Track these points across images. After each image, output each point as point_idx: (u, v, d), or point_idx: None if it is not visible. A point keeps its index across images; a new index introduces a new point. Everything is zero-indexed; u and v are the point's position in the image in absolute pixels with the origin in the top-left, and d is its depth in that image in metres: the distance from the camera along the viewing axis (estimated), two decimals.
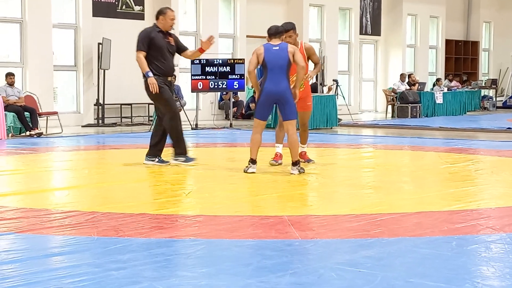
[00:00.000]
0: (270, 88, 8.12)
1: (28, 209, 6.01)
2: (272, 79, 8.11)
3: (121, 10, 18.18)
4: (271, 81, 8.12)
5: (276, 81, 8.10)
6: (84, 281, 3.78)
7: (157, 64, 9.01)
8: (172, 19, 9.21)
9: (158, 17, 9.27)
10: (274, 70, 8.10)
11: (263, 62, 8.14)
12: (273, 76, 8.11)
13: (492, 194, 7.11)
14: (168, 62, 9.12)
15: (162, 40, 9.08)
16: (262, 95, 8.18)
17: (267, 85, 8.13)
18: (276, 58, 8.11)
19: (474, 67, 29.92)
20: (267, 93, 8.14)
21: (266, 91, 8.14)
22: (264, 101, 8.20)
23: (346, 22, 23.87)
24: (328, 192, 7.28)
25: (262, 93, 8.17)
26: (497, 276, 4.01)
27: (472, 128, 16.53)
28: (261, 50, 8.17)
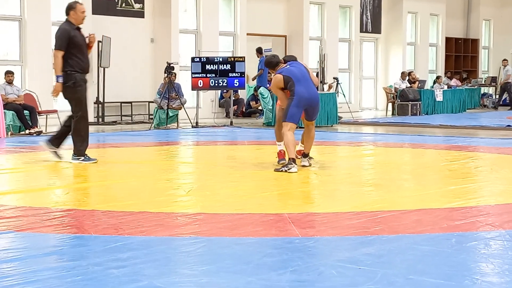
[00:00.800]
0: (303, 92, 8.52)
1: (27, 208, 6.01)
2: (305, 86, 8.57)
3: (121, 8, 18.18)
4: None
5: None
6: (84, 279, 3.78)
7: (77, 61, 9.08)
8: (82, 12, 9.21)
9: (68, 12, 9.20)
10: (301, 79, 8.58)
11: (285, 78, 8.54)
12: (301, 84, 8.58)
13: (492, 191, 7.12)
14: (87, 59, 9.29)
15: (80, 37, 9.16)
16: (297, 98, 8.50)
17: (300, 89, 8.51)
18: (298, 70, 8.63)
19: (474, 65, 29.91)
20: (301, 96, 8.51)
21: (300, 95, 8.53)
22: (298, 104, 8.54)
23: (346, 20, 23.86)
24: (329, 190, 7.28)
25: (296, 96, 8.48)
26: (496, 272, 4.01)
27: (472, 125, 16.53)
28: (277, 76, 8.62)
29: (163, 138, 13.59)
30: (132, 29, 18.43)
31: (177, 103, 16.37)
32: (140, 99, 18.46)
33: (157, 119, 16.13)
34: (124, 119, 17.93)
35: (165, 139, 13.30)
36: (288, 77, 8.49)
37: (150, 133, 14.77)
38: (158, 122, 16.12)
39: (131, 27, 18.42)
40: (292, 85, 8.48)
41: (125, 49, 18.11)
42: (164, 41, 18.68)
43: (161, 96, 16.19)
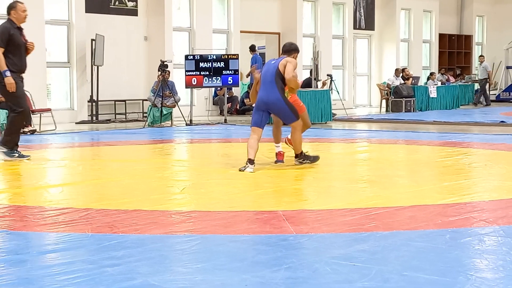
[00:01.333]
0: (260, 95, 8.55)
1: (22, 207, 6.00)
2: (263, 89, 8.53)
3: (114, 6, 18.15)
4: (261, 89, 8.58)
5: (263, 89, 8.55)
6: (79, 278, 3.78)
7: (14, 61, 9.15)
8: (24, 11, 9.38)
9: (9, 12, 9.37)
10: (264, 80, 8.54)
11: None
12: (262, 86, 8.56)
13: (486, 187, 7.13)
14: (24, 59, 9.40)
15: (19, 37, 9.29)
16: (256, 104, 8.58)
17: (260, 93, 8.57)
18: (266, 69, 8.57)
19: (467, 61, 29.95)
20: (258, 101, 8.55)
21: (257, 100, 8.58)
22: (255, 110, 8.60)
23: (340, 16, 23.87)
24: (323, 187, 7.28)
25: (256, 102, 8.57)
26: (490, 268, 4.02)
27: (465, 121, 16.56)
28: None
29: (157, 136, 13.58)
30: (126, 28, 18.41)
31: (171, 101, 16.36)
32: (134, 97, 18.44)
33: (151, 117, 16.11)
34: (118, 117, 17.91)
35: (159, 137, 13.29)
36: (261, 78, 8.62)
37: (144, 131, 14.76)
38: (152, 120, 16.10)
39: (125, 26, 18.39)
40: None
41: (118, 48, 18.09)
42: (158, 39, 18.66)
43: (155, 94, 16.18)
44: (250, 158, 8.28)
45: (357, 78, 25.20)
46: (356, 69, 25.09)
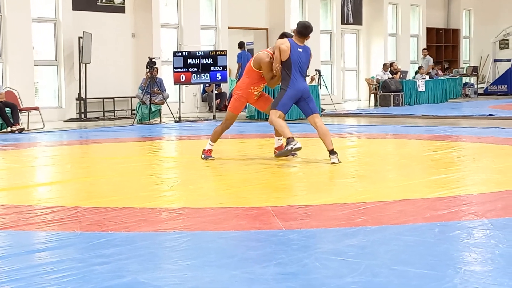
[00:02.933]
0: (301, 86, 8.47)
1: (10, 206, 5.98)
2: (298, 77, 8.47)
3: (102, 4, 18.09)
4: (299, 80, 8.49)
5: (301, 79, 8.53)
6: (68, 276, 3.76)
7: None
8: None
9: None
10: (298, 70, 8.46)
11: (287, 60, 8.39)
12: (298, 75, 8.47)
13: (474, 180, 7.16)
14: None
15: None
16: (293, 91, 8.41)
17: (296, 83, 8.44)
18: (301, 60, 8.48)
19: (455, 54, 30.03)
20: (298, 90, 8.43)
21: (297, 88, 8.43)
22: (292, 96, 8.45)
23: (327, 11, 23.88)
24: (312, 182, 7.29)
25: (293, 89, 8.41)
26: (479, 261, 4.04)
27: (454, 115, 16.61)
28: (288, 45, 8.38)
29: (146, 133, 13.55)
30: (113, 25, 18.35)
31: (159, 98, 16.33)
32: (122, 95, 18.39)
33: (139, 114, 16.08)
34: (107, 115, 17.87)
35: (148, 134, 13.27)
36: (290, 63, 8.38)
37: (133, 128, 14.73)
38: (141, 117, 16.06)
39: (112, 23, 18.33)
40: (288, 76, 8.42)
41: (106, 45, 18.04)
42: (146, 36, 18.62)
43: (143, 91, 16.14)
44: (292, 136, 8.23)
45: (345, 73, 25.22)
46: (344, 64, 25.11)
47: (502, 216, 5.24)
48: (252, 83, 8.70)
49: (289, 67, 8.42)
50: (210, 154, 8.84)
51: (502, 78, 26.84)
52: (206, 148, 8.90)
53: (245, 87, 8.74)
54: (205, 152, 8.87)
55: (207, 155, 8.83)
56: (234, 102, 8.82)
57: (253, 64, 8.67)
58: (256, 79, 8.68)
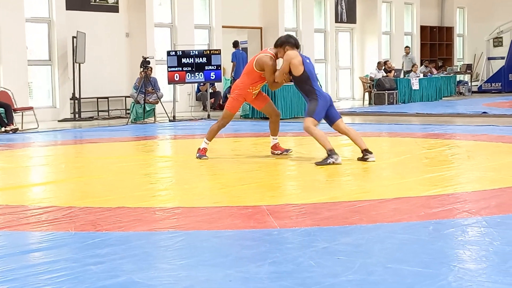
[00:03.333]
0: (326, 94, 8.65)
1: (4, 206, 5.97)
2: (319, 87, 8.65)
3: (95, 3, 18.06)
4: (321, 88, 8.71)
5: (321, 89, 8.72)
6: (62, 276, 3.76)
7: None
8: None
9: None
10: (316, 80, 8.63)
11: (304, 74, 8.45)
12: (317, 85, 8.64)
13: (469, 178, 7.17)
14: None
15: None
16: (324, 101, 8.50)
17: (322, 92, 8.59)
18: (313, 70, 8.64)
19: (449, 52, 30.07)
20: (326, 99, 8.57)
21: (325, 96, 8.58)
22: (325, 105, 8.55)
23: (321, 10, 23.89)
24: (307, 181, 7.29)
25: (323, 99, 8.49)
26: (473, 259, 4.04)
27: (448, 113, 16.62)
28: (300, 60, 8.46)
29: (141, 132, 13.54)
30: (107, 24, 18.32)
31: (153, 98, 16.31)
32: (116, 94, 18.37)
33: (134, 114, 16.06)
34: (101, 114, 17.85)
35: (143, 134, 13.26)
36: (307, 75, 8.45)
37: (127, 128, 14.71)
38: (135, 116, 16.05)
39: (106, 22, 18.31)
40: (310, 87, 8.45)
41: (100, 44, 18.01)
42: (139, 35, 18.60)
43: (137, 91, 16.12)
44: (332, 149, 8.24)
45: (339, 72, 25.23)
46: (338, 63, 25.12)
47: (496, 213, 5.25)
48: (251, 84, 8.73)
49: (307, 80, 8.46)
50: (204, 153, 8.83)
51: (496, 76, 26.87)
52: (201, 147, 8.89)
53: (244, 87, 8.76)
54: (200, 151, 8.86)
55: (202, 154, 8.82)
56: (232, 101, 8.83)
57: (255, 66, 8.68)
58: (256, 79, 8.72)
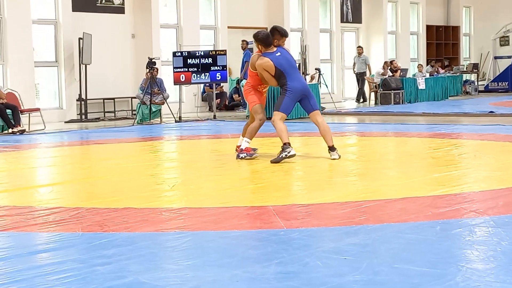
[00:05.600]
0: (300, 86, 8.63)
1: (12, 207, 5.98)
2: (294, 78, 8.63)
3: (101, 4, 18.09)
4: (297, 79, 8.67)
5: (297, 79, 8.68)
6: (70, 277, 3.76)
7: None
8: None
9: None
10: (289, 71, 8.61)
11: (276, 70, 8.58)
12: (292, 75, 8.62)
13: (476, 177, 7.15)
14: None
15: None
16: (292, 94, 8.56)
17: (295, 85, 8.58)
18: (284, 61, 8.63)
19: (455, 52, 30.01)
20: (296, 92, 8.58)
21: (296, 90, 8.58)
22: (293, 98, 8.61)
23: (327, 10, 23.87)
24: (313, 181, 7.28)
25: (292, 93, 8.55)
26: (481, 259, 4.03)
27: (454, 113, 16.59)
28: (268, 60, 8.57)
29: (147, 133, 13.55)
30: (113, 25, 18.35)
31: (159, 98, 16.32)
32: (122, 95, 18.39)
33: (140, 115, 16.08)
34: (107, 115, 17.86)
35: (149, 135, 13.27)
36: (280, 70, 8.56)
37: (133, 129, 14.72)
38: (141, 117, 16.07)
39: (112, 23, 18.33)
40: (284, 80, 8.58)
41: (106, 46, 18.03)
42: (145, 36, 18.62)
43: (143, 92, 16.14)
44: (288, 142, 8.36)
45: (345, 72, 25.20)
46: (344, 63, 25.09)
47: (504, 213, 5.23)
48: (258, 84, 8.87)
49: (281, 74, 8.60)
50: (251, 150, 8.82)
51: (503, 75, 26.81)
52: (243, 147, 8.82)
53: (251, 87, 8.88)
54: (243, 150, 8.80)
55: (249, 152, 8.79)
56: (248, 95, 8.92)
57: (251, 67, 8.87)
58: (258, 81, 8.85)
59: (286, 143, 8.34)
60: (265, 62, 8.60)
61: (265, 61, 8.60)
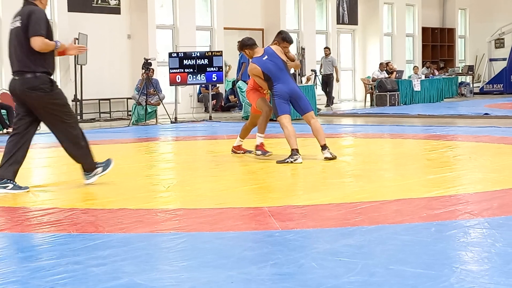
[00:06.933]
0: (285, 89, 8.64)
1: (6, 208, 5.97)
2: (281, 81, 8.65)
3: (97, 5, 18.08)
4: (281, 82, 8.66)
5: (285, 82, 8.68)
6: (64, 278, 3.76)
7: (50, 60, 6.97)
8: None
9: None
10: (276, 74, 8.64)
11: (265, 75, 8.63)
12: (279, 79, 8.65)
13: (471, 179, 7.16)
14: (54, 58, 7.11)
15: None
16: (279, 97, 8.60)
17: (280, 88, 8.62)
18: (271, 64, 8.65)
19: (450, 54, 30.06)
20: (282, 94, 8.61)
21: (281, 92, 8.61)
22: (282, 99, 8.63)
23: (323, 11, 23.88)
24: (308, 182, 7.29)
25: (278, 95, 8.59)
26: (476, 260, 4.04)
27: (450, 114, 16.62)
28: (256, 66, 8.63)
29: (142, 134, 13.54)
30: (109, 26, 18.33)
31: (155, 99, 16.32)
32: (118, 96, 18.37)
33: (135, 116, 16.07)
34: (103, 116, 17.85)
35: (144, 135, 13.26)
36: (267, 75, 8.60)
37: (129, 129, 14.72)
38: (137, 118, 16.06)
39: (108, 24, 18.32)
40: (271, 84, 8.61)
41: (102, 46, 18.01)
42: (141, 37, 18.60)
43: (139, 92, 16.13)
44: (296, 148, 8.41)
45: (341, 73, 25.19)
46: (340, 64, 25.09)
47: (499, 215, 5.24)
48: (258, 86, 8.95)
49: (269, 80, 8.66)
50: (263, 147, 8.88)
51: (498, 77, 26.86)
52: (258, 142, 8.91)
53: (253, 88, 9.03)
54: (258, 147, 8.87)
55: (264, 150, 8.84)
56: (250, 95, 9.02)
57: (249, 73, 8.99)
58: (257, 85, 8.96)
59: (294, 149, 8.39)
60: (253, 69, 8.68)
61: (253, 67, 8.68)
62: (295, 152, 8.36)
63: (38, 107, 6.78)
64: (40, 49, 6.67)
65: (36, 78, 6.75)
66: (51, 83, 6.84)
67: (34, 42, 6.67)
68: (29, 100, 6.77)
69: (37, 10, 6.86)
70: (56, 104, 6.79)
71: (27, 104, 6.84)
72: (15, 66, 6.96)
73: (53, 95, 6.78)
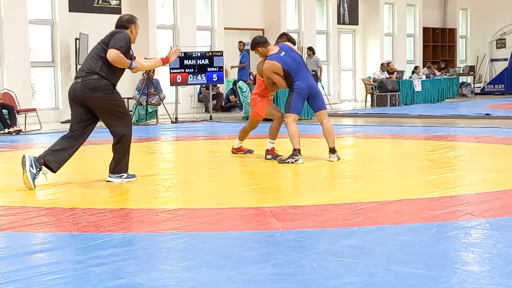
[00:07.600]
0: (305, 86, 8.56)
1: (7, 207, 5.97)
2: (301, 77, 8.55)
3: (98, 5, 18.08)
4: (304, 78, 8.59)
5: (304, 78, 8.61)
6: (65, 277, 3.77)
7: (117, 74, 7.40)
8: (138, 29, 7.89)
9: (128, 26, 7.63)
10: (295, 70, 8.53)
11: (284, 71, 8.52)
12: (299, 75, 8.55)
13: (471, 180, 7.16)
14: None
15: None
16: (298, 94, 8.53)
17: (300, 85, 8.53)
18: (290, 60, 8.54)
19: (451, 54, 30.04)
20: (302, 91, 8.55)
21: (302, 89, 8.54)
22: (300, 97, 8.58)
23: (323, 12, 23.88)
24: (309, 182, 7.29)
25: (298, 92, 8.52)
26: (476, 261, 4.04)
27: (451, 115, 16.62)
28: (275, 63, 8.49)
29: (143, 134, 13.54)
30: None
31: (156, 99, 16.32)
32: None
33: (136, 115, 16.07)
34: None
35: (145, 135, 13.26)
36: (287, 71, 8.51)
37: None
38: (137, 118, 16.06)
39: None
40: (291, 80, 8.53)
41: None
42: (142, 37, 18.51)
43: (139, 92, 16.13)
44: (298, 149, 8.38)
45: (341, 73, 25.21)
46: (340, 64, 25.11)
47: (500, 216, 5.24)
48: (264, 93, 8.91)
49: (289, 77, 8.54)
50: (274, 151, 8.84)
51: (499, 77, 26.84)
52: (269, 147, 8.85)
53: (258, 95, 8.94)
54: (269, 151, 8.82)
55: (274, 154, 8.80)
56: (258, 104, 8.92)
57: (258, 75, 8.91)
58: (266, 90, 8.90)
59: (296, 149, 8.38)
60: (273, 65, 8.51)
61: (272, 64, 8.52)
62: (297, 153, 8.35)
63: (99, 106, 7.19)
64: (113, 60, 7.09)
65: (100, 80, 7.11)
66: (113, 88, 7.28)
67: (110, 52, 7.10)
68: (90, 101, 7.15)
69: (123, 32, 7.45)
70: (115, 105, 7.23)
71: (89, 105, 7.21)
72: (80, 72, 7.29)
73: (113, 96, 7.22)
